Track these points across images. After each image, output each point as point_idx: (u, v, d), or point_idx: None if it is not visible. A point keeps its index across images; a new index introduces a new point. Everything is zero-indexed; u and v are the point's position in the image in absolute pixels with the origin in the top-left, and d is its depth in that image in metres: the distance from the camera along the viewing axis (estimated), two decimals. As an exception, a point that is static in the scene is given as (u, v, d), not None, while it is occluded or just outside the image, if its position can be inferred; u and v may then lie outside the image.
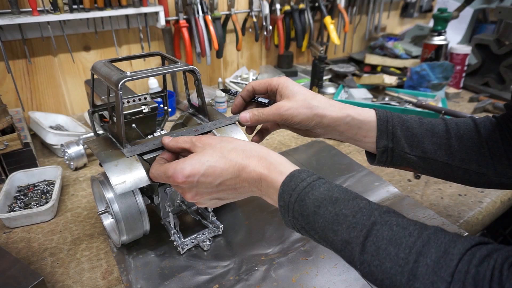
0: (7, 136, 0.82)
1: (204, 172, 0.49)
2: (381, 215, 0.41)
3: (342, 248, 0.42)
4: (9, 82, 1.06)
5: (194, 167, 0.49)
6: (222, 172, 0.49)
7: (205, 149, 0.51)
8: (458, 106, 1.31)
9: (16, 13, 0.96)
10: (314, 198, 0.44)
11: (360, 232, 0.40)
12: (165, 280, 0.60)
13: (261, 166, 0.48)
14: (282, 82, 0.62)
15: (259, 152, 0.50)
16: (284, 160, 0.49)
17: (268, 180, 0.47)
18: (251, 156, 0.49)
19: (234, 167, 0.49)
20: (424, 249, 0.36)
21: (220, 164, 0.49)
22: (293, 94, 0.60)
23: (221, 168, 0.49)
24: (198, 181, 0.49)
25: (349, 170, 0.90)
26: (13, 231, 0.72)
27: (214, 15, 1.24)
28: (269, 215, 0.75)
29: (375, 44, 1.61)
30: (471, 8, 1.64)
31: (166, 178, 0.51)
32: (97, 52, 1.18)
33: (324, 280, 0.59)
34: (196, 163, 0.49)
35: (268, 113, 0.60)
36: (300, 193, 0.45)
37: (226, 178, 0.49)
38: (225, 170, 0.49)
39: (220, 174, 0.49)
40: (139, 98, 0.68)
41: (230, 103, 1.31)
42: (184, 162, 0.49)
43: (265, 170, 0.48)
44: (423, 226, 0.39)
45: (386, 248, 0.38)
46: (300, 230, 0.46)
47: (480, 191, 0.83)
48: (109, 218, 0.70)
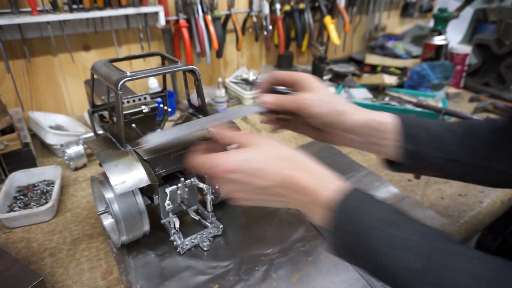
0: (6, 136, 0.82)
1: (245, 170, 0.46)
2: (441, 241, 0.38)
3: (399, 276, 0.38)
4: (8, 82, 1.06)
5: (236, 164, 0.46)
6: (266, 176, 0.46)
7: (252, 148, 0.48)
8: (459, 106, 1.30)
9: (15, 13, 0.96)
10: (368, 219, 0.41)
11: (423, 258, 0.37)
12: (165, 280, 0.60)
13: (309, 180, 0.45)
14: (305, 76, 0.60)
15: (309, 164, 0.47)
16: (335, 177, 0.47)
17: (316, 196, 0.44)
18: (300, 167, 0.47)
19: (279, 175, 0.46)
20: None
21: (263, 165, 0.46)
22: (316, 88, 0.58)
23: (265, 172, 0.46)
24: (238, 179, 0.47)
25: (349, 170, 0.90)
26: (12, 231, 0.72)
27: (214, 15, 1.24)
28: (269, 215, 0.75)
29: (375, 44, 1.61)
30: (471, 8, 1.64)
31: (206, 168, 0.48)
32: (97, 52, 1.18)
33: (324, 280, 0.59)
34: (240, 161, 0.46)
35: (287, 99, 0.57)
36: (351, 212, 0.42)
37: (268, 184, 0.46)
38: (269, 175, 0.46)
39: (263, 177, 0.46)
40: (139, 98, 0.68)
41: (230, 103, 1.31)
42: (229, 157, 0.47)
43: (314, 184, 0.45)
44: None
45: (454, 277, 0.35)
46: (347, 255, 0.43)
47: (480, 191, 0.83)
48: (109, 218, 0.70)
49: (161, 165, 0.63)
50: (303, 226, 0.71)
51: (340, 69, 1.49)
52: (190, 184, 0.67)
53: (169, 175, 0.66)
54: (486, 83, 1.42)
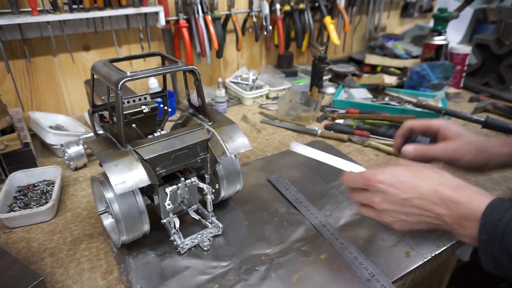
0: (7, 136, 0.82)
1: (393, 183, 0.51)
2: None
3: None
4: (9, 82, 1.06)
5: (386, 177, 0.52)
6: (411, 189, 0.50)
7: (399, 166, 0.54)
8: (458, 106, 1.31)
9: (16, 13, 0.96)
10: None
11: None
12: (165, 280, 0.60)
13: (457, 194, 0.47)
14: (444, 124, 0.65)
15: (456, 181, 0.50)
16: (483, 191, 0.48)
17: (465, 209, 0.46)
18: (446, 183, 0.49)
19: (425, 188, 0.49)
20: None
21: (411, 181, 0.50)
22: (459, 135, 0.63)
23: (411, 186, 0.50)
24: (386, 190, 0.51)
25: (349, 170, 0.90)
26: (13, 231, 0.72)
27: (214, 15, 1.24)
28: (269, 215, 0.75)
29: (375, 44, 1.61)
30: (471, 8, 1.64)
31: (361, 179, 0.54)
32: (97, 52, 1.18)
33: (324, 280, 0.59)
34: (389, 174, 0.52)
35: (435, 150, 0.62)
36: (509, 222, 0.42)
37: (414, 197, 0.50)
38: (414, 188, 0.50)
39: (409, 190, 0.50)
40: (139, 98, 0.68)
41: (230, 103, 1.31)
42: (380, 170, 0.53)
43: (462, 198, 0.47)
44: None
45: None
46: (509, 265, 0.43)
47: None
48: (109, 218, 0.70)
49: (161, 165, 0.63)
50: (303, 226, 0.71)
51: (340, 69, 1.50)
52: (190, 184, 0.67)
53: (169, 175, 0.67)
54: (486, 83, 1.42)
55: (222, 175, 0.71)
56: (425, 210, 0.50)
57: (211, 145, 0.67)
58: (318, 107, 1.18)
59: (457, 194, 0.48)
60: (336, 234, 0.68)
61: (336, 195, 0.81)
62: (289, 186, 0.83)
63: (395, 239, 0.68)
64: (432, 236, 0.69)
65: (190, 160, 0.66)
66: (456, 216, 0.47)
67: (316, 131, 1.08)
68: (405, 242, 0.67)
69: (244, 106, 1.31)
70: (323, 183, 0.85)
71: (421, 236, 0.69)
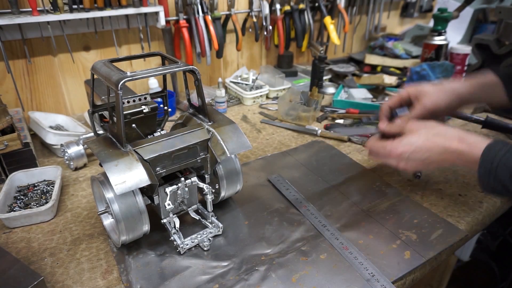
0: (7, 136, 0.82)
1: (413, 151, 0.65)
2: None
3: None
4: (9, 82, 1.06)
5: (405, 148, 0.65)
6: (428, 151, 0.64)
7: (412, 133, 0.66)
8: (458, 106, 1.30)
9: (16, 13, 0.96)
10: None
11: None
12: (165, 280, 0.60)
13: (461, 146, 0.61)
14: (409, 89, 0.77)
15: (459, 134, 0.63)
16: (481, 138, 0.61)
17: (469, 155, 0.61)
18: (452, 138, 0.63)
19: (438, 147, 0.63)
20: None
21: (425, 145, 0.64)
22: (427, 91, 0.75)
23: (427, 149, 0.64)
24: (408, 157, 0.65)
25: (349, 170, 0.90)
26: (13, 231, 0.72)
27: (214, 15, 1.24)
28: (269, 215, 0.75)
29: (375, 44, 1.61)
30: (471, 8, 1.64)
31: (384, 152, 0.68)
32: (97, 52, 1.18)
33: (324, 280, 0.59)
34: (406, 144, 0.65)
35: (416, 113, 0.75)
36: (501, 159, 0.57)
37: (431, 155, 0.64)
38: (429, 150, 0.64)
39: (426, 152, 0.64)
40: (139, 98, 0.68)
41: (230, 103, 1.31)
42: (399, 143, 0.66)
43: (466, 147, 0.61)
44: None
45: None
46: (501, 190, 0.58)
47: (480, 191, 0.83)
48: (109, 218, 0.70)
49: (161, 165, 0.63)
50: (303, 226, 0.71)
51: (340, 69, 1.50)
52: (190, 184, 0.67)
53: (169, 175, 0.67)
54: (486, 83, 1.42)
55: (222, 175, 0.71)
56: (441, 161, 0.64)
57: (211, 145, 0.67)
58: (318, 107, 1.18)
59: (461, 145, 0.61)
60: (336, 234, 0.68)
61: (336, 195, 0.81)
62: (289, 186, 0.83)
63: (395, 239, 0.68)
64: (432, 236, 0.69)
65: (190, 160, 0.66)
66: (463, 161, 0.62)
67: (316, 131, 1.08)
68: (405, 242, 0.67)
69: (244, 106, 1.31)
70: (323, 183, 0.85)
71: (421, 236, 0.69)
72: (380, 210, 0.76)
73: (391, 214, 0.75)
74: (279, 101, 1.18)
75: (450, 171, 0.89)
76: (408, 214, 0.75)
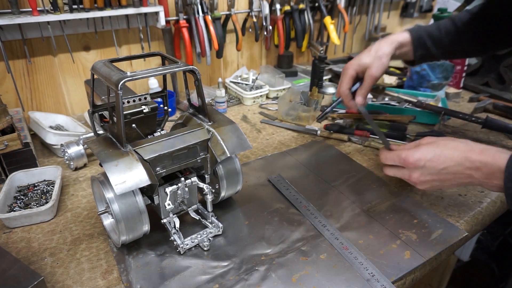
0: (7, 136, 0.82)
1: (430, 158, 0.62)
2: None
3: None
4: (9, 82, 1.06)
5: (423, 153, 0.63)
6: (446, 160, 0.61)
7: (430, 144, 0.64)
8: (458, 106, 1.31)
9: (16, 13, 0.96)
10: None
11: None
12: (165, 280, 0.60)
13: (484, 156, 0.58)
14: (354, 67, 0.84)
15: (480, 146, 0.61)
16: (503, 149, 0.59)
17: (493, 167, 0.57)
18: (472, 149, 0.60)
19: (458, 156, 0.61)
20: None
21: (445, 153, 0.62)
22: (367, 64, 0.83)
23: (446, 157, 0.62)
24: (424, 165, 0.63)
25: (349, 170, 0.90)
26: (13, 231, 0.72)
27: (214, 15, 1.24)
28: (269, 215, 0.75)
29: (375, 44, 1.60)
30: (471, 8, 1.64)
31: (399, 160, 0.66)
32: (97, 52, 1.18)
33: (324, 280, 0.59)
34: (424, 150, 0.63)
35: (368, 85, 0.83)
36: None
37: (450, 165, 0.61)
38: (449, 158, 0.61)
39: (444, 161, 0.62)
40: (139, 98, 0.68)
41: (230, 103, 1.31)
42: (415, 149, 0.65)
43: (489, 158, 0.58)
44: None
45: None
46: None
47: (480, 191, 0.83)
48: (109, 218, 0.70)
49: (161, 165, 0.63)
50: (303, 226, 0.71)
51: (340, 69, 1.49)
52: (190, 184, 0.67)
53: (169, 175, 0.67)
54: (485, 83, 1.42)
55: (222, 175, 0.71)
56: (459, 174, 0.61)
57: (211, 145, 0.67)
58: (318, 107, 1.18)
59: (483, 156, 0.59)
60: (336, 234, 0.69)
61: (336, 195, 0.81)
62: (289, 186, 0.83)
63: (395, 239, 0.68)
64: (432, 236, 0.69)
65: (190, 160, 0.66)
66: (485, 174, 0.59)
67: (316, 131, 1.08)
68: (405, 242, 0.67)
69: (244, 106, 1.31)
70: (323, 183, 0.85)
71: (421, 236, 0.69)
72: (380, 210, 0.76)
73: (391, 214, 0.75)
74: (279, 101, 1.18)
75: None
76: (408, 214, 0.75)
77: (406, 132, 1.05)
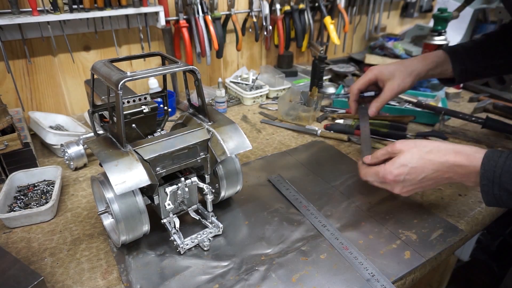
0: (7, 136, 0.82)
1: (408, 172, 0.63)
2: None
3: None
4: (9, 82, 1.06)
5: (399, 170, 0.63)
6: (424, 170, 0.62)
7: (404, 153, 0.63)
8: (458, 106, 1.31)
9: (16, 13, 0.96)
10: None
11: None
12: (165, 280, 0.60)
13: (459, 158, 0.60)
14: (375, 72, 0.84)
15: (453, 147, 0.62)
16: (476, 149, 0.60)
17: (468, 167, 0.59)
18: (447, 152, 0.61)
19: (434, 164, 0.61)
20: None
21: (420, 164, 0.62)
22: (392, 74, 0.82)
23: (423, 167, 0.62)
24: (404, 179, 0.63)
25: (349, 170, 0.90)
26: (13, 231, 0.72)
27: (214, 15, 1.24)
28: (269, 215, 0.75)
29: (375, 44, 1.61)
30: (471, 8, 1.64)
31: (378, 178, 0.66)
32: (97, 52, 1.18)
33: (324, 280, 0.59)
34: (400, 166, 0.63)
35: (386, 98, 0.82)
36: (503, 166, 0.56)
37: (428, 173, 0.62)
38: (426, 168, 0.62)
39: (422, 171, 0.62)
40: (139, 98, 0.68)
41: (230, 103, 1.31)
42: (391, 166, 0.64)
43: (464, 160, 0.59)
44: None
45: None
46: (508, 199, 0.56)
47: (480, 191, 0.83)
48: (109, 218, 0.70)
49: (161, 165, 0.63)
50: (303, 226, 0.71)
51: (340, 69, 1.50)
52: (190, 184, 0.67)
53: (169, 175, 0.67)
54: (485, 83, 1.42)
55: (222, 175, 0.71)
56: (438, 178, 0.62)
57: (211, 145, 0.67)
58: (318, 107, 1.18)
59: (458, 158, 0.60)
60: (336, 234, 0.69)
61: (336, 195, 0.81)
62: (289, 186, 0.83)
63: (395, 239, 0.68)
64: (432, 236, 0.69)
65: (190, 160, 0.66)
66: (462, 174, 0.60)
67: (316, 131, 1.08)
68: (405, 242, 0.67)
69: (244, 106, 1.31)
70: (323, 183, 0.85)
71: (421, 236, 0.69)
72: (380, 210, 0.76)
73: (391, 214, 0.75)
74: (279, 101, 1.18)
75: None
76: (408, 214, 0.75)
77: (406, 132, 1.05)
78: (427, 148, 0.63)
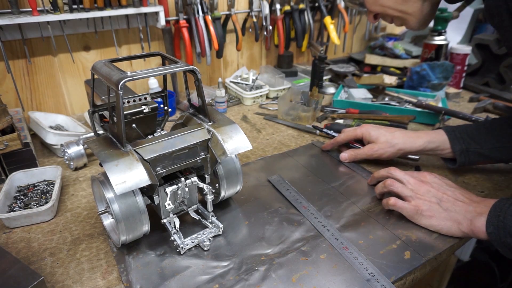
0: (7, 136, 0.82)
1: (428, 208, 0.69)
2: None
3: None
4: (9, 82, 1.06)
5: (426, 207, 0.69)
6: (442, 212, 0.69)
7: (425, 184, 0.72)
8: (458, 106, 1.31)
9: (16, 13, 0.96)
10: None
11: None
12: (165, 280, 0.60)
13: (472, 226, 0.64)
14: (364, 131, 0.89)
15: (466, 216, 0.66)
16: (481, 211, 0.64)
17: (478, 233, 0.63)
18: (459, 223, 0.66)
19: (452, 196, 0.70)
20: None
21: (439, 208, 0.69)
22: (376, 138, 0.87)
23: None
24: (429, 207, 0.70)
25: (349, 172, 0.90)
26: (13, 231, 0.72)
27: (214, 15, 1.24)
28: (269, 215, 0.75)
29: (375, 44, 1.61)
30: (471, 8, 1.64)
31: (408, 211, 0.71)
32: (97, 52, 1.18)
33: (324, 280, 0.59)
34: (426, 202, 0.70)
35: (362, 153, 0.89)
36: (507, 211, 0.59)
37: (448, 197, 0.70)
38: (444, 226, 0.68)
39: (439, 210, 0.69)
40: (139, 98, 0.68)
41: (230, 103, 1.31)
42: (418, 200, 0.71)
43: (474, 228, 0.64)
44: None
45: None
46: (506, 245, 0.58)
47: (480, 191, 0.83)
48: (109, 218, 0.70)
49: (162, 165, 0.63)
50: (303, 226, 0.71)
51: (340, 69, 1.50)
52: (190, 184, 0.67)
53: (169, 175, 0.66)
54: (486, 83, 1.42)
55: (222, 175, 0.71)
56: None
57: (211, 145, 0.67)
58: (318, 107, 1.18)
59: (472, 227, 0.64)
60: (336, 234, 0.68)
61: (336, 196, 0.81)
62: (289, 187, 0.83)
63: (395, 239, 0.68)
64: (432, 236, 0.69)
65: (190, 160, 0.66)
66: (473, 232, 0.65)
67: (316, 131, 1.08)
68: (405, 242, 0.67)
69: (244, 106, 1.31)
70: (323, 184, 0.85)
71: (421, 236, 0.69)
72: (380, 210, 0.76)
73: (391, 214, 0.75)
74: (279, 101, 1.18)
75: (450, 171, 0.89)
76: (408, 214, 0.74)
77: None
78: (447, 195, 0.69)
